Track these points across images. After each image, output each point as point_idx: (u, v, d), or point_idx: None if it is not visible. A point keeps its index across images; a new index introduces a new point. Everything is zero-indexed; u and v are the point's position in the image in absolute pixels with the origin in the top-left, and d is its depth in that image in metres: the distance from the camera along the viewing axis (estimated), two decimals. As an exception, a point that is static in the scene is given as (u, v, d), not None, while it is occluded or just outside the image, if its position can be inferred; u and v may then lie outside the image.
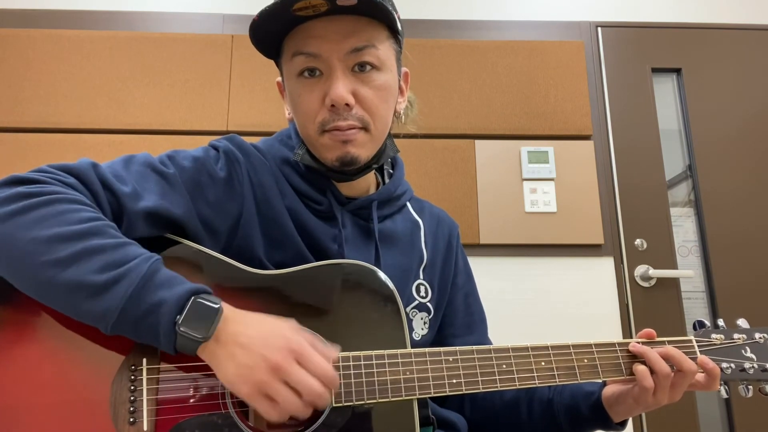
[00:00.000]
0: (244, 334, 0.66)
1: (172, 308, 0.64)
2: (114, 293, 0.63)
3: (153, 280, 0.65)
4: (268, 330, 0.67)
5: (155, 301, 0.64)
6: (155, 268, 0.66)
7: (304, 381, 0.64)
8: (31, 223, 0.66)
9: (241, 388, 0.64)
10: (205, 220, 0.81)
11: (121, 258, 0.66)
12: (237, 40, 2.11)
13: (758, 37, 2.26)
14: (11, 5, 2.14)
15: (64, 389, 0.67)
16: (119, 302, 0.63)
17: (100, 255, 0.65)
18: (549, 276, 2.00)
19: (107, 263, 0.65)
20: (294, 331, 0.68)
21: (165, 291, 0.65)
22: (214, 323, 0.65)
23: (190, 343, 0.64)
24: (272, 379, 0.64)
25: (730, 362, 0.83)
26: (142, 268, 0.65)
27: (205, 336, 0.64)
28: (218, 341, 0.65)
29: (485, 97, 2.12)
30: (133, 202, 0.74)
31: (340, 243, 0.87)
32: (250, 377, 0.64)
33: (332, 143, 0.82)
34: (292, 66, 0.83)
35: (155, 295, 0.64)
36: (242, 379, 0.64)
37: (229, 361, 0.64)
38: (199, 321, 0.64)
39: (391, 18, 0.82)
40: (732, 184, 2.13)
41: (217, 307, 0.66)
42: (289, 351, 0.65)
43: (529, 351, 0.79)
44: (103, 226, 0.68)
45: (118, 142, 1.99)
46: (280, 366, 0.64)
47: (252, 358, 0.64)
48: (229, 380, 0.65)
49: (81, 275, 0.64)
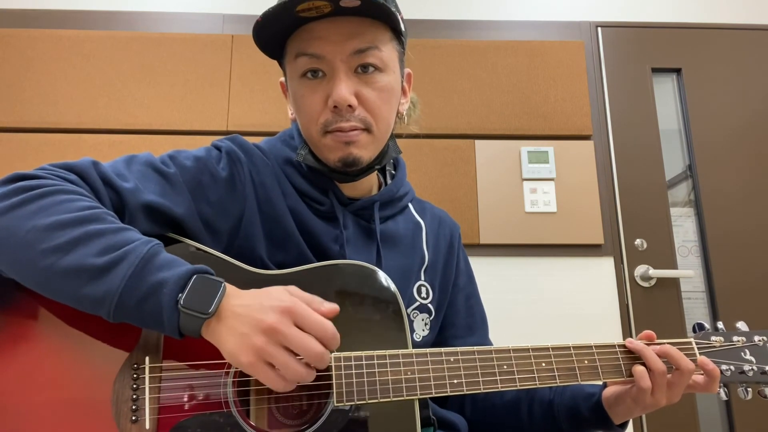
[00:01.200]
0: (241, 304, 0.65)
1: (174, 287, 0.63)
2: (114, 275, 0.63)
3: (153, 262, 0.65)
4: (264, 295, 0.66)
5: (156, 282, 0.63)
6: (155, 251, 0.66)
7: (301, 341, 0.63)
8: (31, 214, 0.66)
9: (241, 359, 0.62)
10: (207, 220, 0.81)
11: (120, 241, 0.65)
12: (237, 40, 2.11)
13: (758, 37, 2.27)
14: (11, 5, 2.14)
15: (66, 387, 0.67)
16: (119, 283, 0.62)
17: (99, 239, 0.65)
18: (549, 276, 2.01)
19: (107, 246, 0.64)
20: (289, 292, 0.67)
21: (166, 271, 0.64)
22: (216, 299, 0.64)
23: (195, 321, 0.63)
24: (269, 343, 0.62)
25: (729, 365, 0.83)
26: (141, 249, 0.65)
27: (208, 313, 0.63)
28: (219, 318, 0.64)
29: (485, 97, 2.12)
30: (134, 196, 0.74)
31: (341, 244, 0.87)
32: (248, 344, 0.62)
33: (335, 144, 0.83)
34: (295, 67, 0.83)
35: (156, 275, 0.64)
36: (241, 349, 0.62)
37: (228, 334, 0.63)
38: (201, 298, 0.63)
39: (395, 19, 0.82)
40: (732, 184, 2.13)
41: (219, 282, 0.65)
42: (283, 311, 0.64)
43: (529, 352, 0.79)
44: (101, 213, 0.68)
45: (118, 142, 1.99)
46: (275, 327, 0.62)
47: (248, 325, 0.63)
48: (230, 353, 0.63)
49: (81, 259, 0.63)
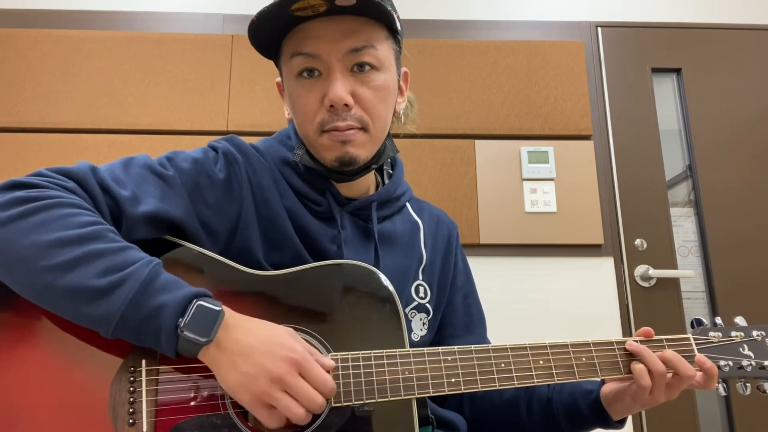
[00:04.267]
0: (246, 342, 0.66)
1: (174, 312, 0.64)
2: (115, 297, 0.63)
3: (153, 285, 0.65)
4: (270, 338, 0.67)
5: (156, 305, 0.64)
6: (156, 273, 0.66)
7: (306, 393, 0.65)
8: (30, 228, 0.65)
9: (242, 396, 0.65)
10: (205, 222, 0.81)
11: (121, 262, 0.66)
12: (237, 40, 2.11)
13: (758, 37, 2.26)
14: (11, 5, 2.14)
15: (63, 390, 0.67)
16: (120, 306, 0.63)
17: (100, 259, 0.65)
18: (549, 276, 2.00)
19: (107, 267, 0.65)
20: (294, 340, 0.68)
21: (166, 295, 0.65)
22: (216, 326, 0.65)
23: (192, 347, 0.65)
24: (274, 390, 0.64)
25: (727, 360, 0.83)
26: (142, 272, 0.65)
27: (207, 339, 0.64)
28: (219, 347, 0.66)
29: (485, 97, 2.12)
30: (133, 206, 0.74)
31: (339, 244, 0.87)
32: (252, 386, 0.64)
33: (331, 143, 0.82)
34: (291, 66, 0.83)
35: (156, 299, 0.64)
36: (244, 388, 0.64)
37: (230, 369, 0.65)
38: (201, 324, 0.64)
39: (390, 18, 0.82)
40: (732, 184, 2.13)
41: (218, 310, 0.66)
42: (292, 362, 0.66)
43: (527, 350, 0.79)
44: (102, 230, 0.68)
45: (118, 142, 2.00)
46: (282, 378, 0.64)
47: (254, 368, 0.64)
48: (230, 387, 0.65)
49: (81, 280, 0.64)
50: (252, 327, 0.69)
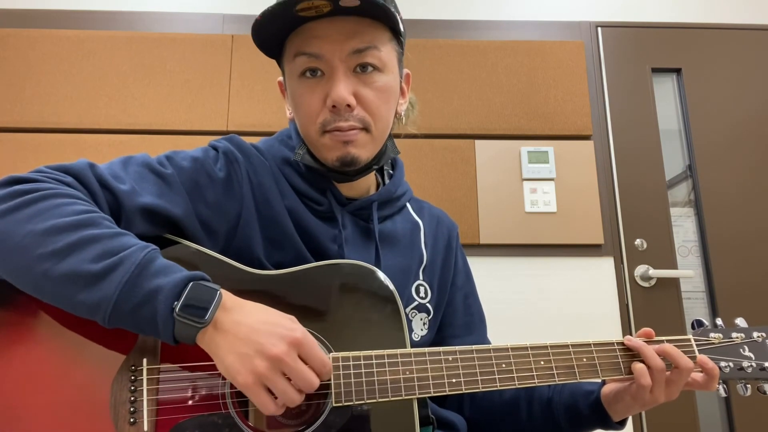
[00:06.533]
0: (245, 323, 0.65)
1: (169, 294, 0.63)
2: (109, 281, 0.63)
3: (149, 268, 0.64)
4: (269, 319, 0.66)
5: (152, 288, 0.63)
6: (152, 257, 0.66)
7: (304, 374, 0.64)
8: (26, 219, 0.65)
9: (239, 378, 0.63)
10: (204, 221, 0.81)
11: (116, 247, 0.65)
12: (237, 40, 2.11)
13: (758, 37, 2.26)
14: (11, 5, 2.14)
15: (64, 389, 0.67)
16: (114, 290, 0.62)
17: (95, 244, 0.64)
18: (549, 276, 2.00)
19: (102, 252, 0.64)
20: (293, 322, 0.68)
21: (162, 278, 0.64)
22: (213, 306, 0.64)
23: (190, 329, 0.63)
24: (272, 371, 0.63)
25: (728, 361, 0.83)
26: (137, 256, 0.65)
27: (204, 321, 0.63)
28: (217, 328, 0.64)
29: (485, 97, 2.12)
30: (131, 199, 0.74)
31: (340, 243, 0.87)
32: (249, 366, 0.63)
33: (333, 144, 0.82)
34: (293, 66, 0.83)
35: (151, 282, 0.63)
36: (240, 369, 0.63)
37: (228, 350, 0.63)
38: (197, 305, 0.63)
39: (394, 20, 0.82)
40: (732, 184, 2.13)
41: (216, 290, 0.65)
42: (292, 342, 0.64)
43: (528, 350, 0.79)
44: (97, 218, 0.68)
45: (118, 142, 2.00)
46: (282, 358, 0.63)
47: (253, 348, 0.63)
48: (228, 369, 0.63)
49: (76, 265, 0.63)
50: (251, 308, 0.67)
